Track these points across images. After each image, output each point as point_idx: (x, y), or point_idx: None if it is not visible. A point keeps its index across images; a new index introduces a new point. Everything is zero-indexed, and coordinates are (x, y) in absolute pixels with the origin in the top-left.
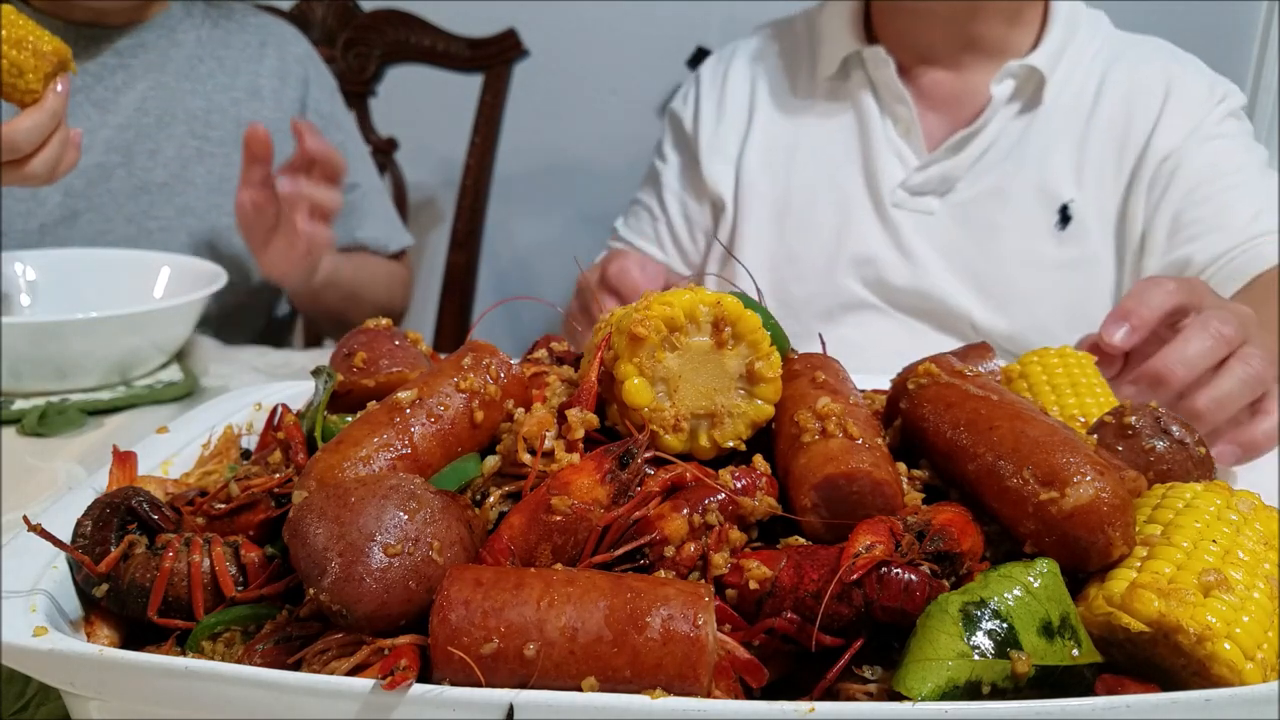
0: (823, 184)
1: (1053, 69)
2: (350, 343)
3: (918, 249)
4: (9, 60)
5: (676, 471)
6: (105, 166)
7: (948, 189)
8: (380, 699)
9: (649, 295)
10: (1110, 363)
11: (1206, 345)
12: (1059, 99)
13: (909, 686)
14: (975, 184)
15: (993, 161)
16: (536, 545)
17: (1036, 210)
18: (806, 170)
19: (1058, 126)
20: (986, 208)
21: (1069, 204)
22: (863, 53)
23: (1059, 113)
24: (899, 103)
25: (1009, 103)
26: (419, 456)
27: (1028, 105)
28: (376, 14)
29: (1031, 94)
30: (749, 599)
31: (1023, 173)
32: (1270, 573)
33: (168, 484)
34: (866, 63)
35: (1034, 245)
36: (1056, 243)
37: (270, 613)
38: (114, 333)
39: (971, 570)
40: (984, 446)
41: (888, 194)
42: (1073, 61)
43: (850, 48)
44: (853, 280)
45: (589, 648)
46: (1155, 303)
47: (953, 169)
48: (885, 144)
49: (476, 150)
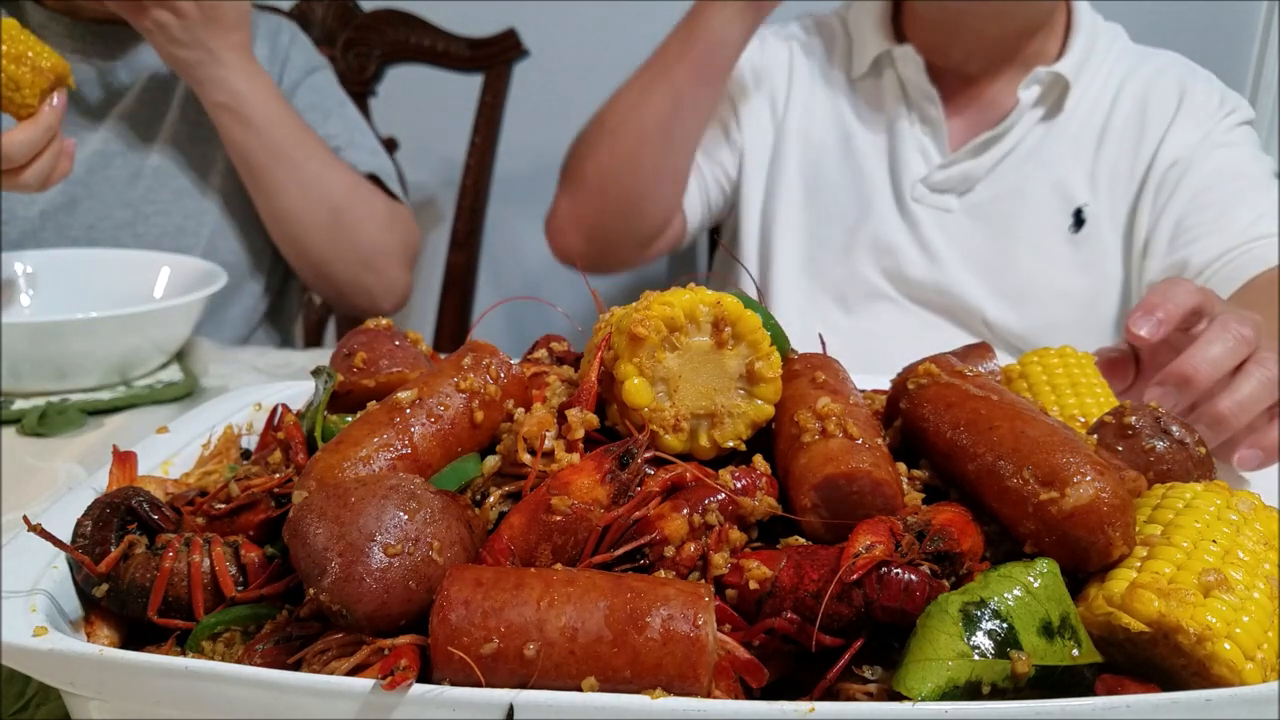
0: (848, 171)
1: (1077, 77)
2: (350, 343)
3: (935, 243)
4: (7, 75)
5: (676, 471)
6: (105, 155)
7: (968, 188)
8: (380, 699)
9: (648, 295)
10: (1123, 374)
11: (1229, 346)
12: (1078, 107)
13: (909, 686)
14: (994, 185)
15: (1013, 164)
16: (536, 545)
17: (1052, 213)
18: (834, 155)
19: (1075, 133)
20: (1004, 208)
21: (1083, 208)
22: (893, 51)
23: (1077, 120)
24: (927, 101)
25: (1033, 108)
26: (419, 456)
27: (1050, 111)
28: (376, 14)
29: (1055, 100)
30: (749, 599)
31: (1041, 176)
32: (1270, 573)
33: (168, 484)
34: (896, 61)
35: (1048, 246)
36: (1070, 245)
37: (270, 613)
38: (114, 333)
39: (971, 570)
40: (984, 446)
41: (909, 188)
42: (1093, 71)
43: (881, 47)
44: (871, 269)
45: (589, 648)
46: (1180, 299)
47: (974, 169)
48: (910, 139)
49: (476, 150)
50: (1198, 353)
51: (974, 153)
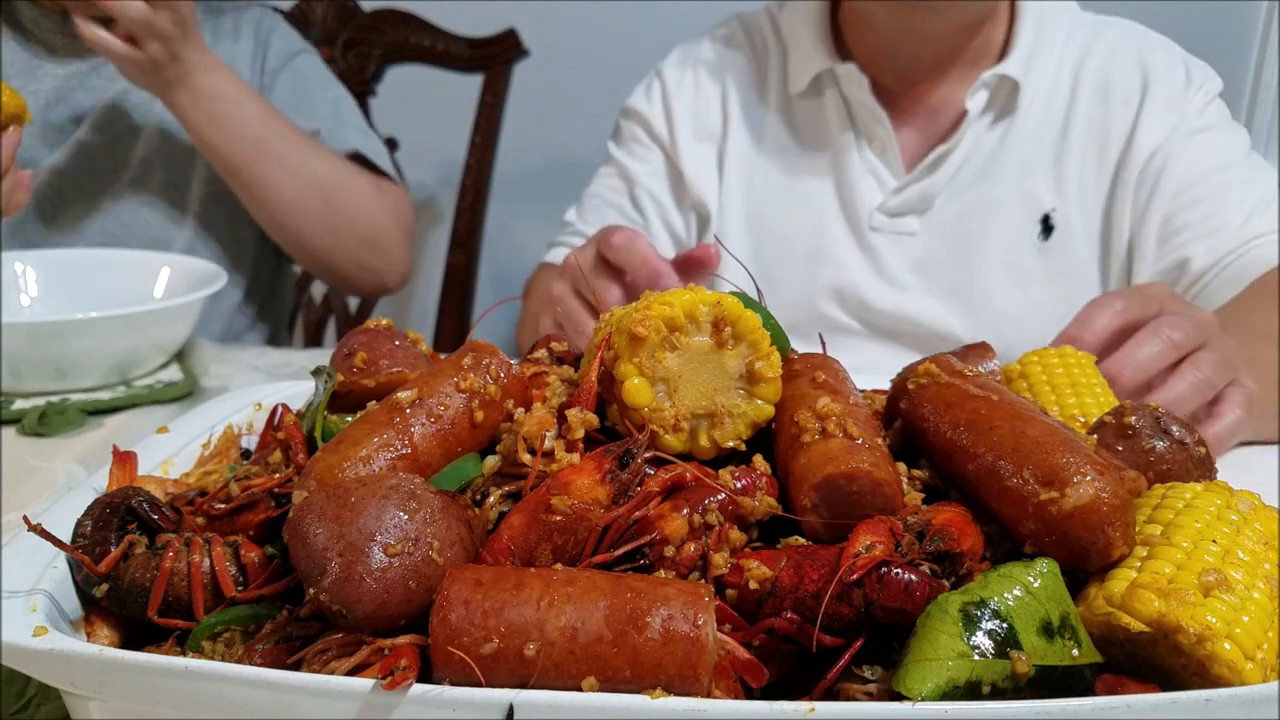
0: (797, 207)
1: (1026, 73)
2: (350, 343)
3: (898, 272)
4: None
5: (676, 471)
6: (90, 146)
7: (927, 206)
8: (380, 699)
9: (648, 295)
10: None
11: (1156, 349)
12: (1033, 102)
13: (909, 686)
14: (954, 200)
15: (970, 175)
16: (536, 545)
17: (1018, 222)
18: (781, 192)
19: (1034, 132)
20: (966, 224)
21: (1050, 213)
22: (836, 70)
23: (1034, 117)
24: (875, 123)
25: (983, 114)
26: (419, 456)
27: (1002, 113)
28: (376, 14)
29: (1005, 102)
30: (749, 599)
31: (1001, 185)
32: (1270, 573)
33: (168, 484)
34: (840, 80)
35: (1016, 259)
36: (1040, 254)
37: (270, 613)
38: (114, 333)
39: (971, 570)
40: (984, 446)
41: (866, 217)
42: (1044, 61)
43: (822, 65)
44: (832, 306)
45: (589, 648)
46: (1099, 325)
47: (931, 187)
48: (860, 165)
49: (476, 150)
50: (1124, 355)
51: (928, 170)
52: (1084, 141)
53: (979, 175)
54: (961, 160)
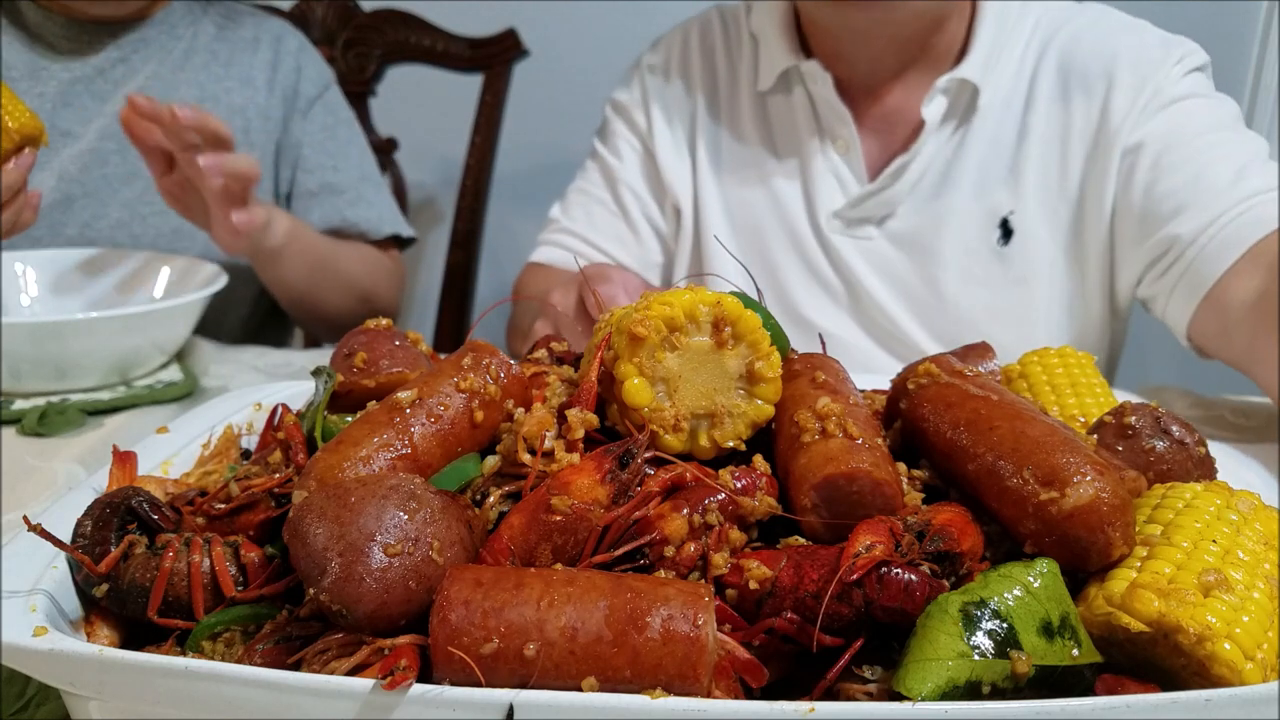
0: (765, 203)
1: (985, 76)
2: (350, 343)
3: (860, 274)
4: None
5: (676, 471)
6: (100, 153)
7: (888, 213)
8: (380, 699)
9: (648, 295)
10: None
11: None
12: (992, 102)
13: (909, 686)
14: (913, 209)
15: (930, 184)
16: (536, 545)
17: (976, 229)
18: (750, 188)
19: (992, 134)
20: (925, 233)
21: (1009, 217)
22: (801, 68)
23: (993, 119)
24: (839, 122)
25: (944, 122)
26: (419, 456)
27: (964, 118)
28: (376, 14)
29: (966, 106)
30: (749, 599)
31: (960, 190)
32: (1270, 573)
33: (168, 484)
34: (805, 78)
35: (975, 267)
36: (999, 261)
37: (270, 613)
38: (114, 333)
39: (971, 570)
40: (984, 446)
41: (824, 220)
42: (1005, 60)
43: (788, 61)
44: (799, 303)
45: (589, 648)
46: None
47: (892, 196)
48: (824, 164)
49: (476, 150)
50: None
51: (889, 180)
52: (1044, 139)
53: (938, 183)
54: (921, 170)
